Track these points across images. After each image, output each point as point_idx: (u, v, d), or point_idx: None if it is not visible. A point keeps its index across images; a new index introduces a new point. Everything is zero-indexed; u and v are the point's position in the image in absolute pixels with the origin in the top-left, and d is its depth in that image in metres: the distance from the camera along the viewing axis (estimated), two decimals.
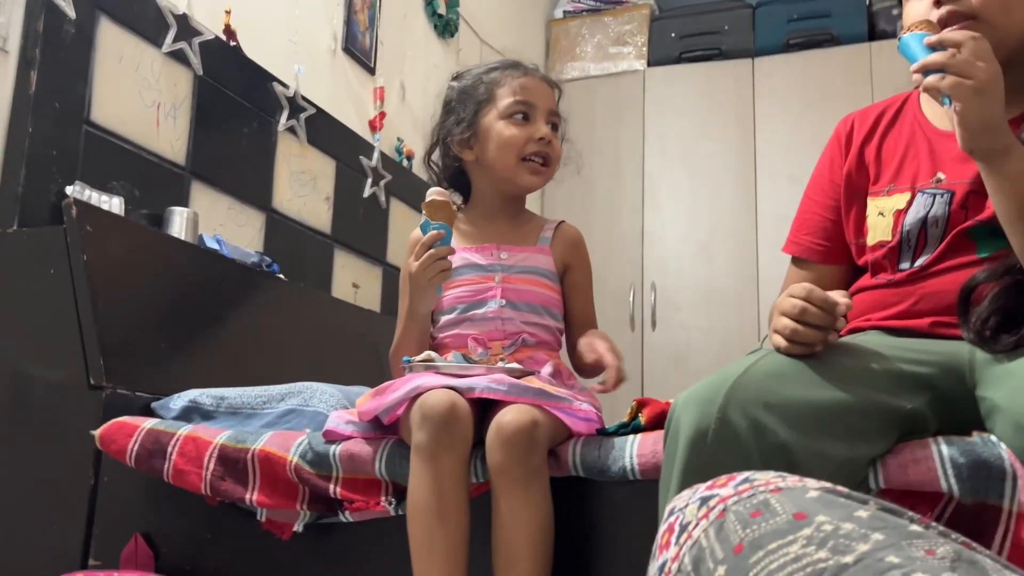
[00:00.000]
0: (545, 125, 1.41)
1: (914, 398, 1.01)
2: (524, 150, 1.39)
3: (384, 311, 2.77)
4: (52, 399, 1.55)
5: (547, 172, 1.42)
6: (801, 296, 1.01)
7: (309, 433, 1.34)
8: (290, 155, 2.39)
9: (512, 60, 1.47)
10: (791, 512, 0.51)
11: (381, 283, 2.81)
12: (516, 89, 1.41)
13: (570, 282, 1.43)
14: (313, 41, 2.57)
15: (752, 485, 0.54)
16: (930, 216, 1.16)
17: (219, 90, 2.14)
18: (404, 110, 3.01)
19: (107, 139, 1.83)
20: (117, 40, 1.86)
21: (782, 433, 0.92)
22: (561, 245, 1.43)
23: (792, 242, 1.34)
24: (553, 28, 4.15)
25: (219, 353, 1.88)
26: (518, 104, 1.40)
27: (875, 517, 0.50)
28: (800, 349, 1.01)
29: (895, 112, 1.29)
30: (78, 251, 1.56)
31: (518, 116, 1.40)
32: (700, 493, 0.57)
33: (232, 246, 2.07)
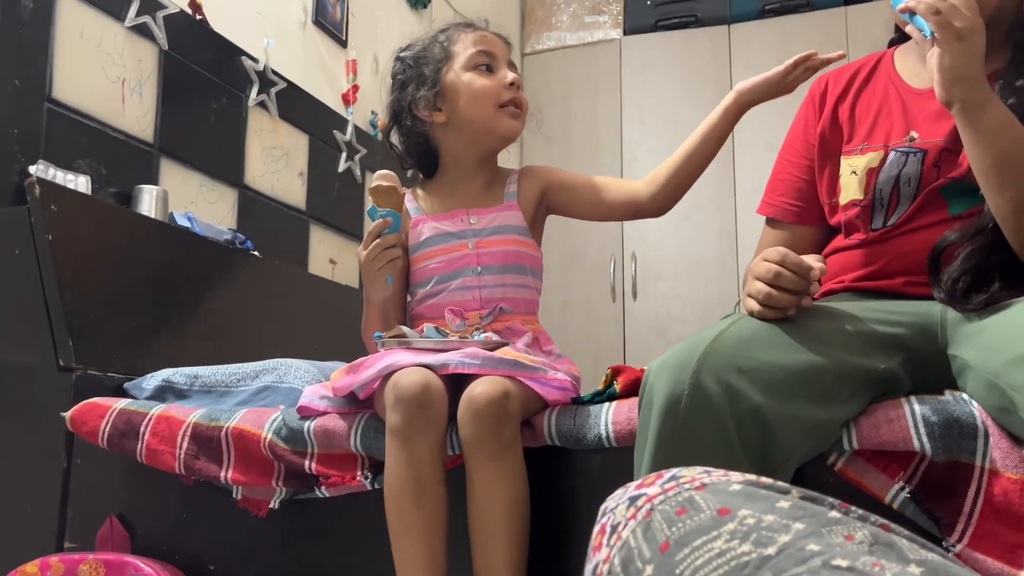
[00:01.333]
0: (510, 72, 1.39)
1: (887, 358, 1.01)
2: (499, 97, 1.37)
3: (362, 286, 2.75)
4: (21, 382, 1.52)
5: (523, 117, 1.40)
6: (776, 260, 1.01)
7: (283, 409, 1.33)
8: (262, 130, 2.36)
9: (457, 21, 1.45)
10: (715, 508, 0.53)
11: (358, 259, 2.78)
12: (475, 40, 1.39)
13: (560, 191, 1.41)
14: (282, 14, 2.53)
15: (678, 483, 0.56)
16: (903, 174, 1.15)
17: (186, 65, 2.10)
18: (377, 83, 2.96)
19: (71, 116, 1.80)
20: (77, 15, 1.82)
21: (755, 397, 0.92)
22: (527, 190, 1.41)
23: (766, 203, 1.33)
24: None
25: (193, 332, 1.86)
26: (480, 55, 1.37)
27: (796, 506, 0.52)
28: (774, 314, 1.01)
29: (869, 71, 1.28)
30: (43, 231, 1.53)
31: (482, 67, 1.38)
32: (629, 493, 0.57)
33: (204, 224, 2.04)
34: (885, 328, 1.04)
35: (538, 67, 3.97)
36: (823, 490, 1.00)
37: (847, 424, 0.99)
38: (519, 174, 1.43)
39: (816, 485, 1.01)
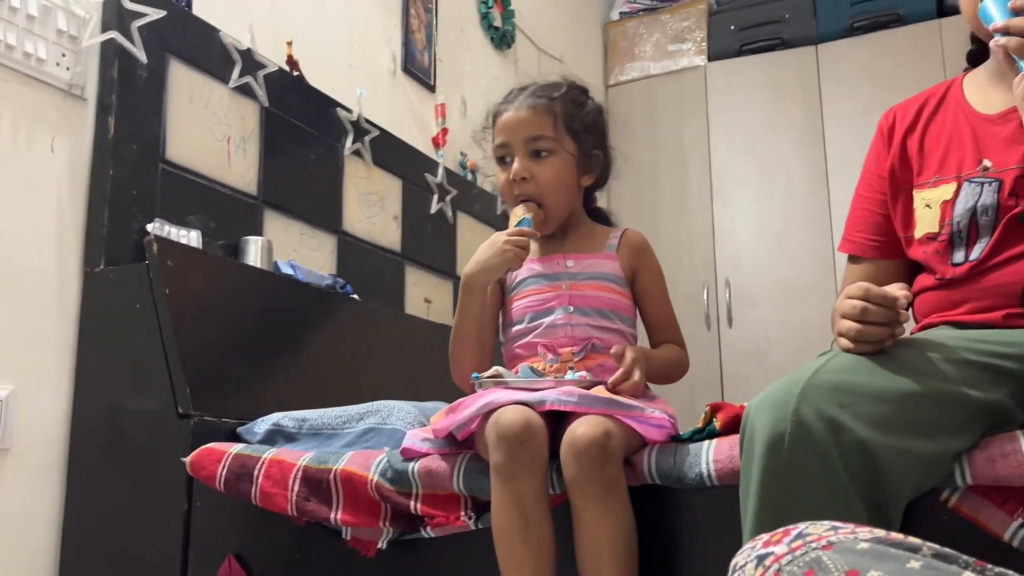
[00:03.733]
0: (522, 160, 1.38)
1: (994, 389, 0.98)
2: (511, 193, 1.40)
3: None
4: (144, 428, 1.61)
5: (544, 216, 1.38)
6: (859, 296, 1.00)
7: (388, 451, 1.37)
8: (357, 177, 2.45)
9: (509, 92, 1.46)
10: (843, 569, 0.52)
11: (452, 297, 2.85)
12: (497, 130, 1.43)
13: (640, 288, 1.43)
14: (373, 64, 2.63)
15: (805, 542, 0.55)
16: (979, 205, 1.13)
17: (285, 119, 2.21)
18: (466, 125, 3.04)
19: (182, 175, 1.90)
20: (187, 80, 1.93)
21: (860, 431, 0.90)
22: (627, 251, 1.43)
23: (847, 240, 1.33)
24: (610, 30, 4.14)
25: (299, 375, 1.94)
26: (497, 149, 1.42)
27: (928, 567, 0.50)
28: (868, 348, 1.00)
29: (937, 101, 1.26)
30: (160, 286, 1.63)
31: (501, 160, 1.42)
32: (757, 551, 0.57)
33: (306, 270, 2.12)
34: (990, 359, 1.01)
35: (622, 98, 3.99)
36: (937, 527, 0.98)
37: (959, 458, 0.97)
38: (622, 234, 1.45)
39: (930, 522, 0.99)
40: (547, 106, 1.40)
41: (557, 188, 1.40)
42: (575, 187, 1.43)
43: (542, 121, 1.39)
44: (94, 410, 1.66)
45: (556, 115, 1.40)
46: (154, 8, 1.82)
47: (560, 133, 1.40)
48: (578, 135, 1.42)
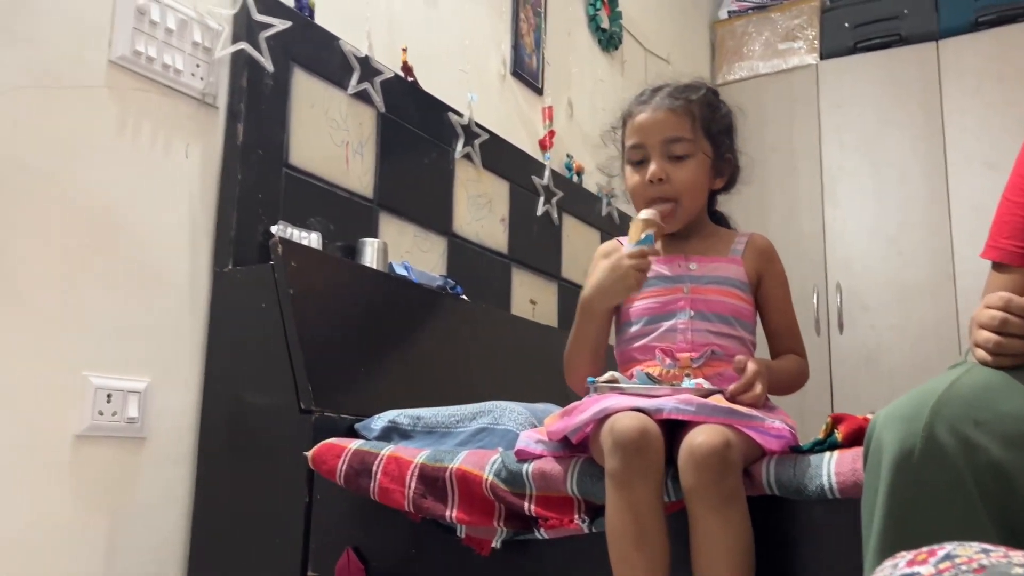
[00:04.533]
0: (658, 161, 1.37)
1: None
2: (644, 195, 1.39)
3: (561, 326, 2.82)
4: (267, 422, 1.69)
5: (674, 208, 1.38)
6: (999, 306, 0.96)
7: (502, 452, 1.40)
8: (467, 180, 2.49)
9: (640, 92, 1.45)
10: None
11: (557, 298, 2.86)
12: (630, 131, 1.41)
13: (764, 294, 1.41)
14: (483, 69, 2.67)
15: (954, 564, 0.53)
16: None
17: (400, 124, 2.26)
18: (572, 127, 3.05)
19: (304, 179, 1.98)
20: (309, 87, 2.01)
21: (995, 451, 0.87)
22: (753, 256, 1.41)
23: (991, 247, 1.26)
24: (718, 29, 4.08)
25: (411, 374, 1.99)
26: (632, 150, 1.41)
27: None
28: (1008, 361, 0.96)
29: None
30: (285, 286, 1.70)
31: (635, 161, 1.41)
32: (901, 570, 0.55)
33: (419, 271, 2.18)
34: None
35: (730, 98, 3.88)
36: None
37: None
38: (748, 238, 1.44)
39: None
40: (686, 107, 1.39)
41: (693, 190, 1.39)
42: (707, 189, 1.43)
43: (681, 123, 1.38)
44: (221, 403, 1.75)
45: (695, 117, 1.39)
46: (280, 20, 1.90)
47: (698, 135, 1.39)
48: (714, 137, 1.41)
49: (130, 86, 1.68)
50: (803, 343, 1.41)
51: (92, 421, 1.56)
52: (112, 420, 1.59)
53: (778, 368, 1.34)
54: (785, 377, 1.34)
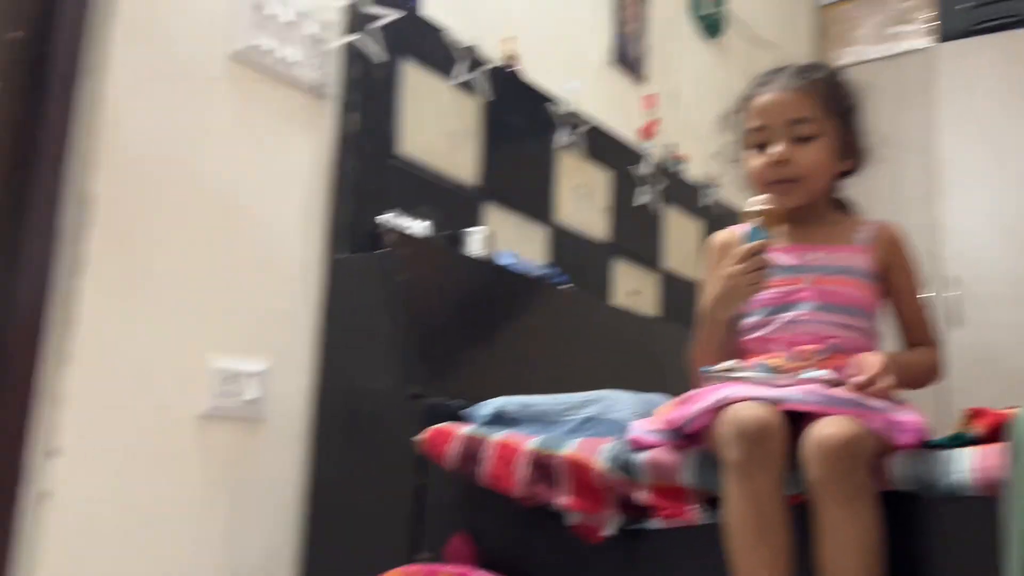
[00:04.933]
0: (781, 142, 1.34)
1: None
2: (764, 178, 1.35)
3: (662, 316, 2.79)
4: (378, 406, 1.72)
5: (795, 188, 1.34)
6: None
7: (615, 440, 1.39)
8: (569, 169, 2.48)
9: (758, 77, 1.41)
10: None
11: (658, 289, 2.83)
12: (751, 114, 1.38)
13: (894, 285, 1.36)
14: (585, 58, 2.65)
15: None
16: None
17: (504, 113, 2.27)
18: (675, 115, 3.00)
19: (412, 168, 2.01)
20: (417, 78, 2.03)
21: None
22: (882, 245, 1.36)
23: None
24: (825, 14, 3.95)
25: (516, 361, 1.99)
26: (752, 133, 1.37)
27: None
28: None
29: None
30: (396, 273, 1.73)
31: (755, 144, 1.37)
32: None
33: (523, 260, 2.18)
34: None
35: None
36: None
37: None
38: (877, 227, 1.40)
39: None
40: (810, 87, 1.35)
41: (817, 173, 1.35)
42: (832, 172, 1.38)
43: (805, 103, 1.35)
44: (334, 387, 1.79)
45: (819, 96, 1.35)
46: (389, 10, 1.93)
47: (823, 116, 1.35)
48: (840, 117, 1.37)
49: (249, 77, 1.73)
50: (938, 335, 1.35)
51: (214, 402, 1.62)
52: (233, 401, 1.65)
53: (906, 361, 1.29)
54: (915, 371, 1.29)
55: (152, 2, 1.57)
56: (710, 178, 3.04)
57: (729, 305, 1.31)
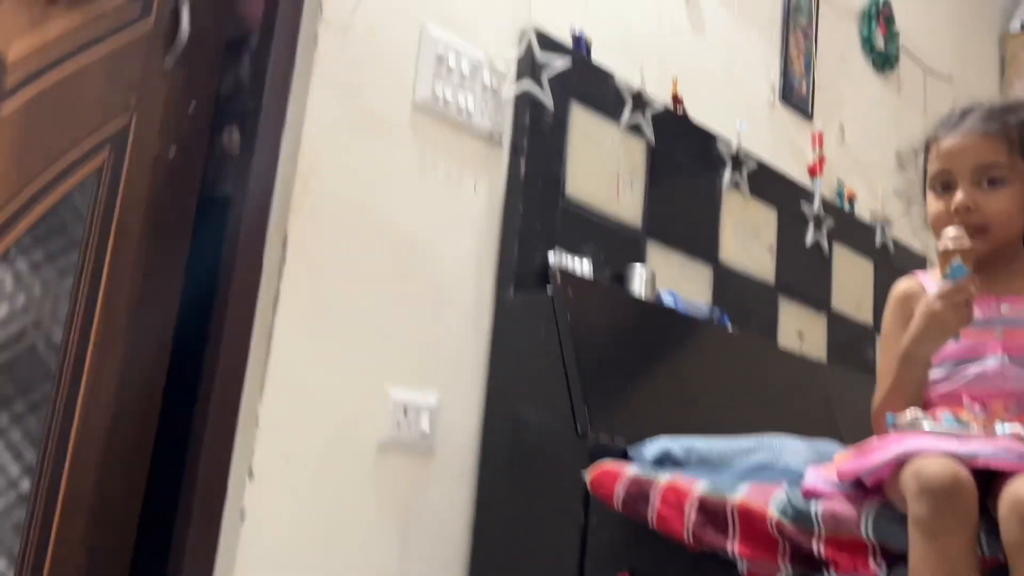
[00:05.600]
0: (967, 189, 1.27)
1: None
2: (948, 224, 1.28)
3: (830, 359, 2.70)
4: (544, 443, 1.76)
5: (981, 236, 1.26)
6: None
7: (787, 488, 1.36)
8: (734, 209, 2.46)
9: (944, 117, 1.35)
10: None
11: (825, 331, 2.74)
12: (935, 157, 1.31)
13: None
14: (752, 97, 2.63)
15: None
16: None
17: (669, 154, 2.29)
18: (844, 152, 2.92)
19: (578, 210, 2.05)
20: (585, 122, 2.09)
21: None
22: None
23: None
24: (1009, 43, 3.74)
25: (679, 401, 1.99)
26: (937, 175, 1.31)
27: None
28: None
29: None
30: (563, 312, 1.77)
31: (939, 188, 1.31)
32: None
33: (685, 300, 2.18)
34: None
35: None
36: None
37: None
38: None
39: None
40: (1002, 131, 1.28)
41: (1007, 221, 1.29)
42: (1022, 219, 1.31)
43: (996, 148, 1.28)
44: (502, 423, 1.84)
45: (1012, 141, 1.28)
46: (561, 58, 1.99)
47: (1015, 160, 1.28)
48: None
49: (429, 126, 1.83)
50: None
51: (392, 432, 1.70)
52: (408, 432, 1.73)
53: None
54: None
55: (346, 58, 1.70)
56: (883, 216, 2.93)
57: (933, 341, 1.25)
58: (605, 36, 2.18)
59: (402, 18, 1.80)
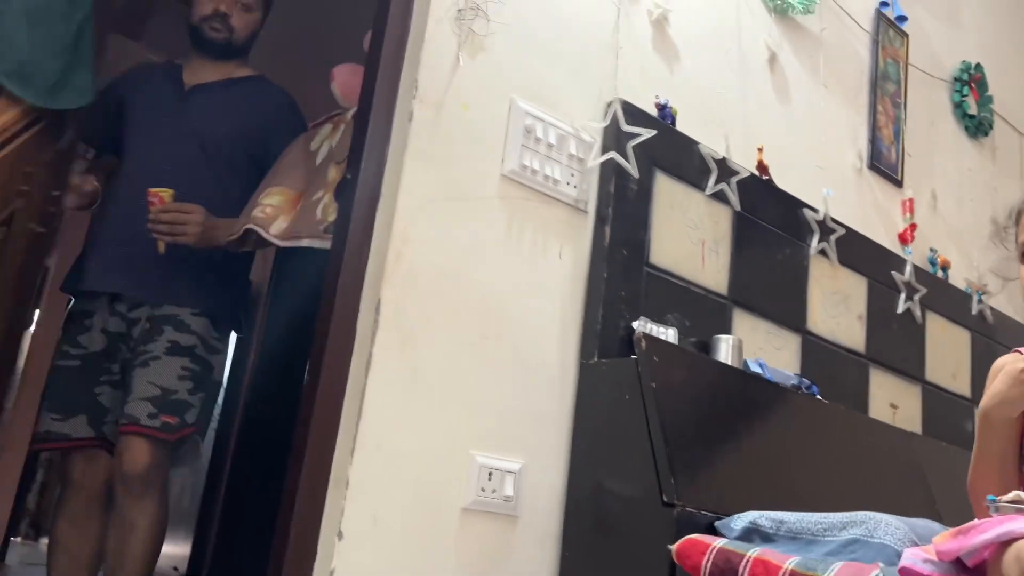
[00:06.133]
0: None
1: None
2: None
3: (926, 432, 2.60)
4: (628, 511, 1.74)
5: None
6: None
7: (882, 567, 1.32)
8: (822, 276, 2.43)
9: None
10: None
11: (920, 403, 2.65)
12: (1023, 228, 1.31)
13: None
14: (839, 163, 2.62)
15: None
16: None
17: (754, 222, 2.28)
18: (936, 219, 2.87)
19: (662, 277, 2.06)
20: (669, 190, 2.11)
21: None
22: None
23: None
24: None
25: (767, 473, 1.95)
26: (1021, 245, 1.33)
27: None
28: None
29: None
30: (648, 379, 1.77)
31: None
32: None
33: (773, 369, 2.15)
34: None
35: None
36: None
37: None
38: None
39: None
40: None
41: None
42: None
43: None
44: (586, 490, 1.83)
45: None
46: (646, 128, 2.03)
47: None
48: None
49: (517, 195, 1.88)
50: None
51: (476, 496, 1.72)
52: (492, 497, 1.74)
53: None
54: None
55: (439, 132, 1.77)
56: (978, 285, 2.84)
57: (1008, 403, 1.26)
58: (689, 105, 2.21)
59: (492, 93, 1.86)
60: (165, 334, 2.14)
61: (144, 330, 2.16)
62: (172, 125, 2.27)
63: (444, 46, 1.80)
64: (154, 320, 2.15)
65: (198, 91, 2.33)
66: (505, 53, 1.89)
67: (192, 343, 2.17)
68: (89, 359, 2.19)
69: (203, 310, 2.20)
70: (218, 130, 2.28)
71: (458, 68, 1.81)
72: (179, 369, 2.13)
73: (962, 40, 3.16)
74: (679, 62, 2.24)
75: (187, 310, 2.18)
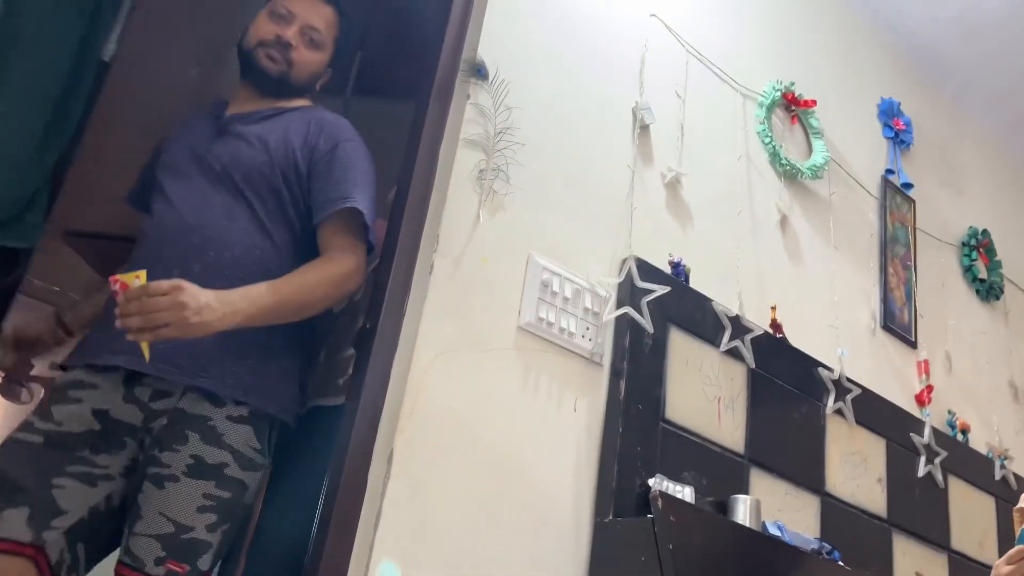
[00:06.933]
0: None
1: None
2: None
3: None
4: None
5: None
6: None
7: None
8: (839, 437, 2.40)
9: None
10: None
11: (948, 572, 2.55)
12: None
13: None
14: (853, 323, 2.63)
15: None
16: None
17: (769, 379, 2.28)
18: (952, 381, 2.85)
19: (678, 433, 2.04)
20: (684, 346, 2.12)
21: None
22: None
23: None
24: None
25: None
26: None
27: None
28: None
29: None
30: (665, 540, 1.72)
31: None
32: None
33: (792, 532, 2.08)
34: None
35: None
36: None
37: None
38: None
39: None
40: None
41: None
42: None
43: None
44: None
45: None
46: (660, 285, 2.07)
47: None
48: None
49: (533, 347, 1.90)
50: None
51: None
52: None
53: None
54: None
55: (457, 284, 1.81)
56: (1000, 449, 2.79)
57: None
58: (702, 263, 2.26)
59: (510, 248, 1.92)
60: (189, 445, 1.59)
61: (162, 427, 1.61)
62: (199, 164, 1.80)
63: (465, 203, 1.87)
64: (177, 419, 1.61)
65: (236, 120, 1.86)
66: (523, 211, 1.96)
67: (222, 461, 1.60)
68: (57, 439, 1.60)
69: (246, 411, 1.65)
70: (252, 161, 1.79)
71: (478, 224, 1.87)
72: (200, 498, 1.58)
73: (968, 206, 3.25)
74: (692, 222, 2.31)
75: (222, 412, 1.63)
